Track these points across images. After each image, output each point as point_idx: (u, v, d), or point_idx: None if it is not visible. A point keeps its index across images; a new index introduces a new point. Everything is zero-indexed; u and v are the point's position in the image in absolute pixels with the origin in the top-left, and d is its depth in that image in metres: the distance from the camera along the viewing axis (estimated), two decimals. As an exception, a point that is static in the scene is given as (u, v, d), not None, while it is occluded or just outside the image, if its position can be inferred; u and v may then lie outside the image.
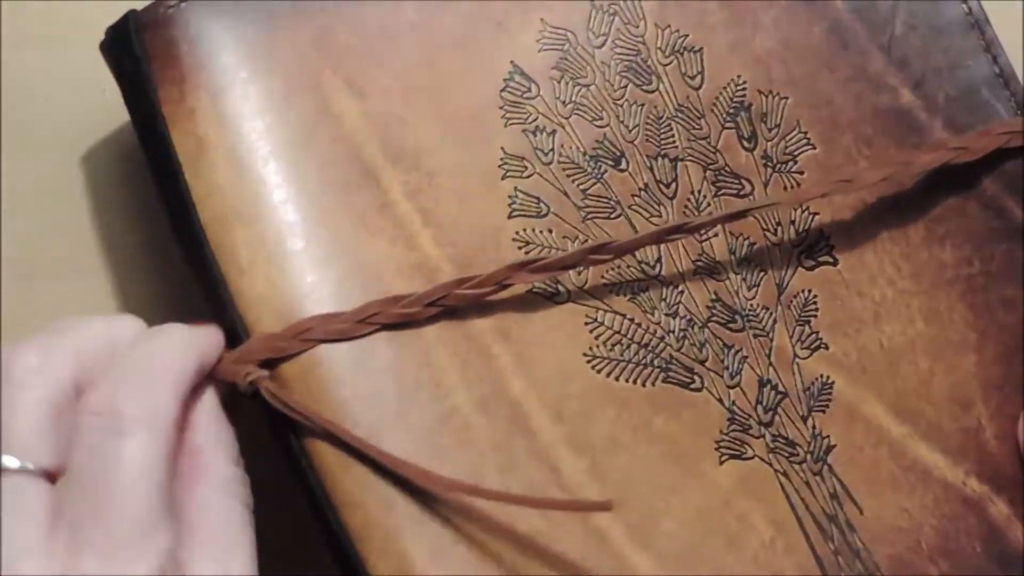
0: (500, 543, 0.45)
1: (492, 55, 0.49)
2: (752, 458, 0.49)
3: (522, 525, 0.46)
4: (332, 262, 0.46)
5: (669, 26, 0.51)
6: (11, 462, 0.40)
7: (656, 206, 0.50)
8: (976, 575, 0.49)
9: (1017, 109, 0.51)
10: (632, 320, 0.49)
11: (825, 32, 0.51)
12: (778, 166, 0.51)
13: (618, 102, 0.50)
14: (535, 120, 0.50)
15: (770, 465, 0.49)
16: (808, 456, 0.49)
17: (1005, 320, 0.51)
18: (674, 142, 0.50)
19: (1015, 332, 0.51)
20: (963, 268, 0.51)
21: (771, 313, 0.50)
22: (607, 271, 0.49)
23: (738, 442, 0.49)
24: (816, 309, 0.50)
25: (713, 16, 0.51)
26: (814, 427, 0.49)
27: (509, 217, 0.49)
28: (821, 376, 0.50)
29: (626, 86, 0.50)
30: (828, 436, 0.49)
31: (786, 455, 0.49)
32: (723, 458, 0.48)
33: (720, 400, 0.49)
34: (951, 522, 0.50)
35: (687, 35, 0.51)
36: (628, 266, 0.49)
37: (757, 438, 0.49)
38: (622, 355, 0.48)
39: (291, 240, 0.46)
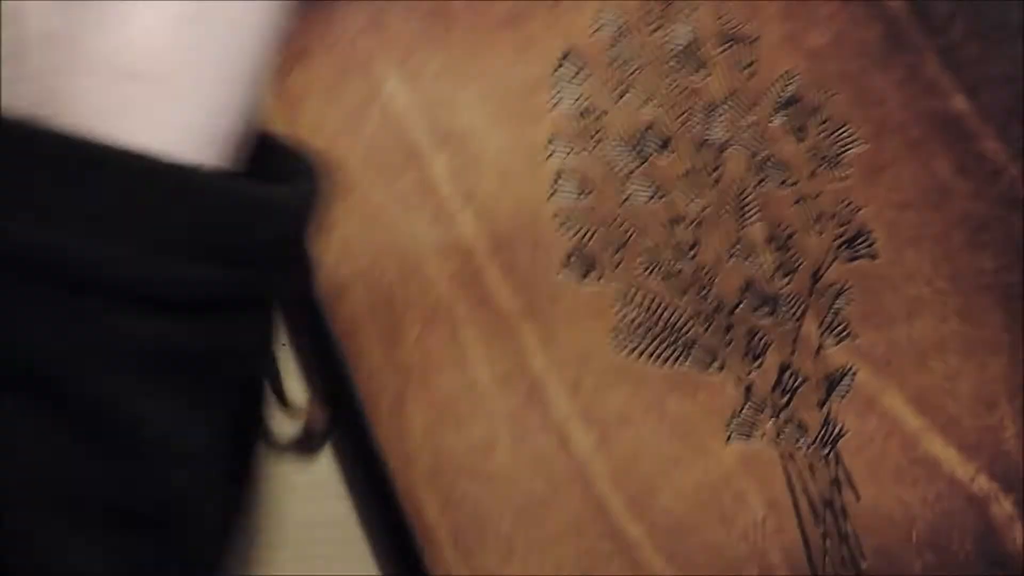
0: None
1: (544, 35, 0.52)
2: (760, 438, 0.52)
3: (525, 487, 0.51)
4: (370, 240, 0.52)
5: (725, 13, 0.51)
6: None
7: (698, 190, 0.52)
8: (961, 573, 0.51)
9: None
10: (661, 302, 0.52)
11: (881, 31, 0.51)
12: (826, 159, 0.51)
13: (669, 87, 0.52)
14: (585, 101, 0.52)
15: (776, 447, 0.52)
16: (817, 440, 0.52)
17: None
18: (722, 129, 0.52)
19: None
20: (1003, 275, 0.51)
21: (803, 301, 0.52)
22: (643, 252, 0.52)
23: (748, 423, 0.52)
24: (849, 301, 0.52)
25: (769, 7, 0.51)
26: (828, 413, 0.52)
27: (549, 198, 0.52)
28: (845, 365, 0.52)
29: (679, 70, 0.52)
30: (841, 424, 0.52)
31: (795, 439, 0.52)
32: (731, 437, 0.52)
33: (738, 382, 0.52)
34: (947, 517, 0.52)
35: (742, 23, 0.51)
36: (665, 247, 0.52)
37: (769, 420, 0.52)
38: (646, 335, 0.52)
39: (334, 217, 0.52)
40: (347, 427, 0.53)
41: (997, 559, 0.51)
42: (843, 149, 0.52)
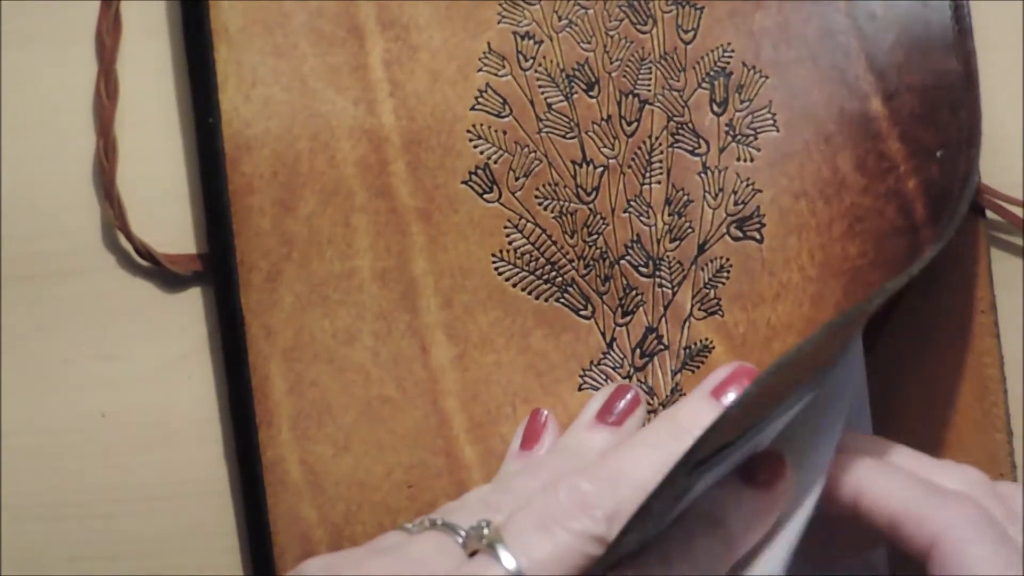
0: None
1: (504, -49, 0.52)
2: (610, 392, 0.53)
3: (376, 387, 0.52)
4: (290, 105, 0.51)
5: (678, -24, 0.52)
6: None
7: (612, 139, 0.52)
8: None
9: (967, 133, 0.52)
10: (550, 237, 0.52)
11: (820, 27, 0.52)
12: (738, 137, 0.53)
13: (609, 32, 0.52)
14: (528, 25, 0.52)
15: (623, 405, 0.53)
16: (660, 407, 0.53)
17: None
18: (649, 86, 0.52)
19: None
20: (858, 260, 0.53)
21: (684, 270, 0.53)
22: (544, 184, 0.52)
23: (603, 376, 0.53)
24: (727, 278, 0.53)
25: (723, -20, 0.52)
26: (677, 383, 0.53)
27: (471, 109, 0.52)
28: (705, 339, 0.53)
29: (622, 20, 0.52)
30: (685, 395, 0.53)
31: (642, 400, 0.53)
32: (583, 386, 0.53)
33: (603, 333, 0.53)
34: None
35: (693, -11, 0.52)
36: (565, 186, 0.52)
37: (623, 379, 0.53)
38: (527, 266, 0.52)
39: (263, 73, 0.51)
40: (216, 285, 0.52)
41: None
42: (758, 131, 0.53)
